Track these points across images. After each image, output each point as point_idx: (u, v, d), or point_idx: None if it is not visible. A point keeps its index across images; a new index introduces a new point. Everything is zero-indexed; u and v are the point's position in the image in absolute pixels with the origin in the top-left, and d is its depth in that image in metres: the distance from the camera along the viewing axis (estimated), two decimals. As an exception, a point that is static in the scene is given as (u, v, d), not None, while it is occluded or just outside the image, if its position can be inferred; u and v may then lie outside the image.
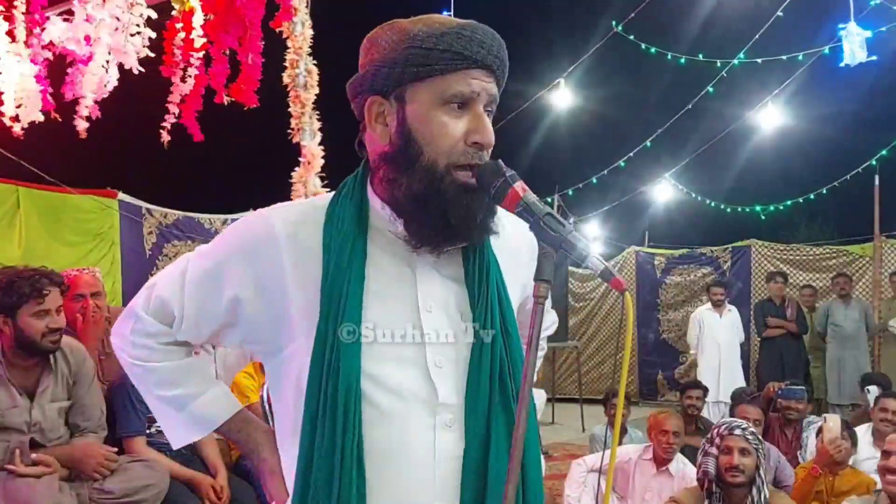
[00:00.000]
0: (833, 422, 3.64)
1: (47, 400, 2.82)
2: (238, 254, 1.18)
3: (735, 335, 7.56)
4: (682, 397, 5.16)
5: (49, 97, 3.80)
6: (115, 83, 3.84)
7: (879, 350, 7.80)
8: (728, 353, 7.45)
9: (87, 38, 3.58)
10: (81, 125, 3.83)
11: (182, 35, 3.86)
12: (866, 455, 4.10)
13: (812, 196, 9.87)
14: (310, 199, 1.27)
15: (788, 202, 10.25)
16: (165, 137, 4.05)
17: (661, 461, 3.83)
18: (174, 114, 3.97)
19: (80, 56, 3.62)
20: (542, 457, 1.27)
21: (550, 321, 1.55)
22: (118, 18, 3.59)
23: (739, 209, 10.70)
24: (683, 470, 3.78)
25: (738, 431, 3.13)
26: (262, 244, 1.16)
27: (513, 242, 1.24)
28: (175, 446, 1.33)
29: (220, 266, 1.20)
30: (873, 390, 4.78)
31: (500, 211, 1.14)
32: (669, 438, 3.77)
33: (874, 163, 8.63)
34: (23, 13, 3.65)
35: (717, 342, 7.43)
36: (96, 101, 3.84)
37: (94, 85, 3.67)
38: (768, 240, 9.84)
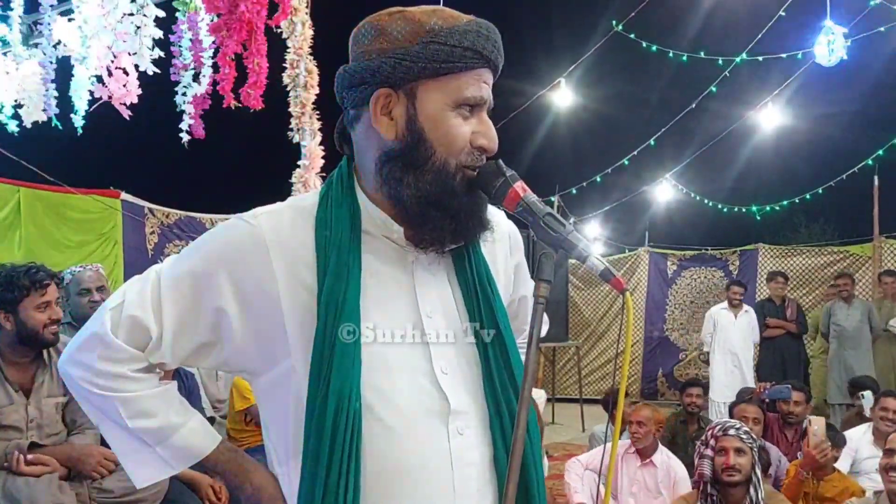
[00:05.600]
0: (818, 425, 3.61)
1: (44, 395, 2.81)
2: (222, 264, 1.10)
3: (749, 336, 7.42)
4: (682, 395, 5.17)
5: (53, 99, 3.82)
6: (137, 86, 3.85)
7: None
8: (741, 354, 7.33)
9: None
10: (126, 111, 3.85)
11: (189, 36, 3.86)
12: (867, 454, 4.11)
13: (808, 196, 9.90)
14: (293, 202, 1.18)
15: (784, 202, 10.29)
16: (186, 138, 4.02)
17: (644, 454, 3.92)
18: (190, 114, 3.94)
19: (77, 56, 3.63)
20: (545, 457, 1.27)
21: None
22: (132, 14, 3.60)
23: (736, 209, 10.74)
24: (668, 462, 3.93)
25: (732, 431, 3.13)
26: (250, 253, 1.09)
27: (495, 234, 1.23)
28: (140, 485, 1.16)
29: (202, 277, 1.10)
30: (868, 395, 4.79)
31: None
32: (635, 427, 3.93)
33: (870, 162, 8.65)
34: (21, 15, 3.67)
35: (730, 342, 7.32)
36: (124, 104, 3.86)
37: (88, 84, 3.68)
38: (769, 241, 9.87)
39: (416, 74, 1.06)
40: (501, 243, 1.26)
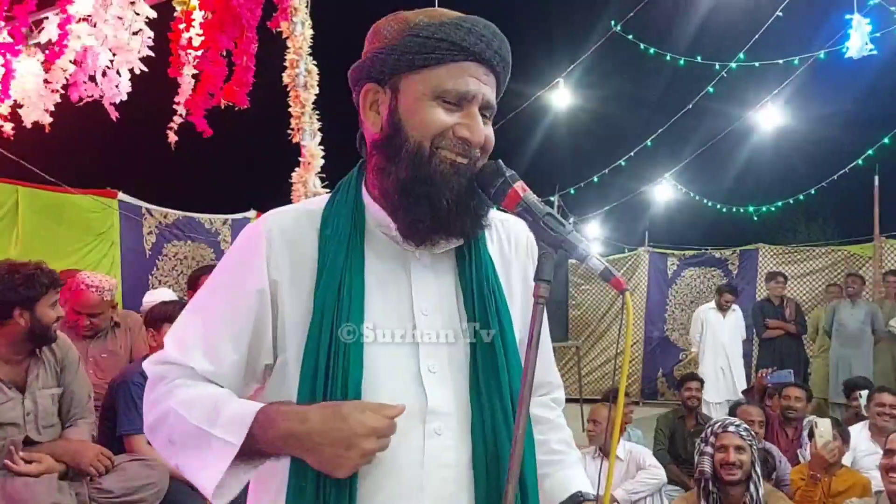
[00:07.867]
0: (824, 426, 3.69)
1: (38, 388, 2.82)
2: (245, 257, 1.13)
3: (738, 334, 7.53)
4: (681, 390, 5.18)
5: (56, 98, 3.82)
6: (129, 87, 3.85)
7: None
8: (731, 353, 7.41)
9: (85, 49, 3.60)
10: (115, 112, 3.87)
11: (187, 35, 3.86)
12: (865, 450, 4.14)
13: (801, 197, 9.94)
14: (302, 204, 1.22)
15: (779, 203, 10.34)
16: (173, 138, 4.02)
17: (606, 450, 3.99)
18: (181, 114, 3.94)
19: (77, 57, 3.63)
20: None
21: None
22: (120, 18, 3.60)
23: (734, 209, 10.76)
24: (630, 449, 4.20)
25: (731, 428, 3.14)
26: (260, 244, 1.12)
27: (510, 239, 1.24)
28: (213, 491, 1.04)
29: (233, 276, 1.14)
30: (865, 394, 4.81)
31: (493, 210, 1.14)
32: (591, 426, 4.28)
33: (860, 162, 8.68)
34: (8, 15, 3.67)
35: (719, 342, 7.38)
36: (113, 104, 3.86)
37: (103, 87, 3.69)
38: (769, 241, 9.88)
39: (394, 67, 1.08)
40: (520, 253, 1.25)
